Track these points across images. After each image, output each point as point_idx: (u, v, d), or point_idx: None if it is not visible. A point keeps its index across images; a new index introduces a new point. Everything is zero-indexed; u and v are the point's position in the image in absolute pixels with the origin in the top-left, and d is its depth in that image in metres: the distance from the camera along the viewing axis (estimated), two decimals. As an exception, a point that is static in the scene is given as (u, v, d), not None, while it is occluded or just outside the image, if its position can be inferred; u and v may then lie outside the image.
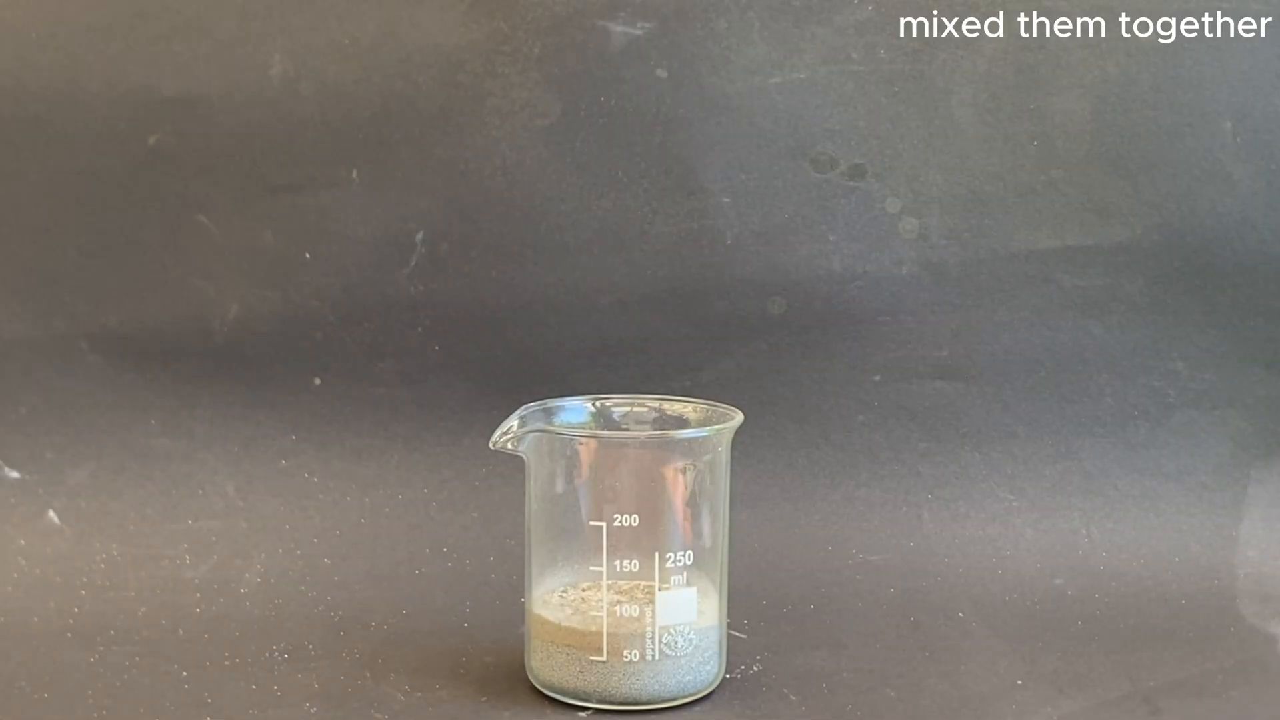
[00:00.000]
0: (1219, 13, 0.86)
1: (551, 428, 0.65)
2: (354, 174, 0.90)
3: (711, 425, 0.65)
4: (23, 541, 0.85)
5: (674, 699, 0.65)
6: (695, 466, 0.64)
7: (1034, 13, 0.87)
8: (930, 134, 0.88)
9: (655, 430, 0.68)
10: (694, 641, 0.64)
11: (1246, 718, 0.67)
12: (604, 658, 0.63)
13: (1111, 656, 0.73)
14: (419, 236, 0.90)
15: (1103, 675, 0.71)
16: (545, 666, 0.65)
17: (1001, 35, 0.87)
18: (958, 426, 0.89)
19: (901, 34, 0.87)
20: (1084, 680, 0.70)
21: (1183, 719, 0.66)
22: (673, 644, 0.64)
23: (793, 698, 0.67)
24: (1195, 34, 0.86)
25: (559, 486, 0.64)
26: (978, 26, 0.87)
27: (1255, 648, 0.75)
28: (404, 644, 0.73)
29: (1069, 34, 0.87)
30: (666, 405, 0.68)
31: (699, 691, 0.66)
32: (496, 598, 0.79)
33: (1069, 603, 0.80)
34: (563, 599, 0.66)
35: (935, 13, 0.87)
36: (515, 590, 0.74)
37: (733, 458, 0.67)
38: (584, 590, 0.66)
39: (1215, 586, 0.82)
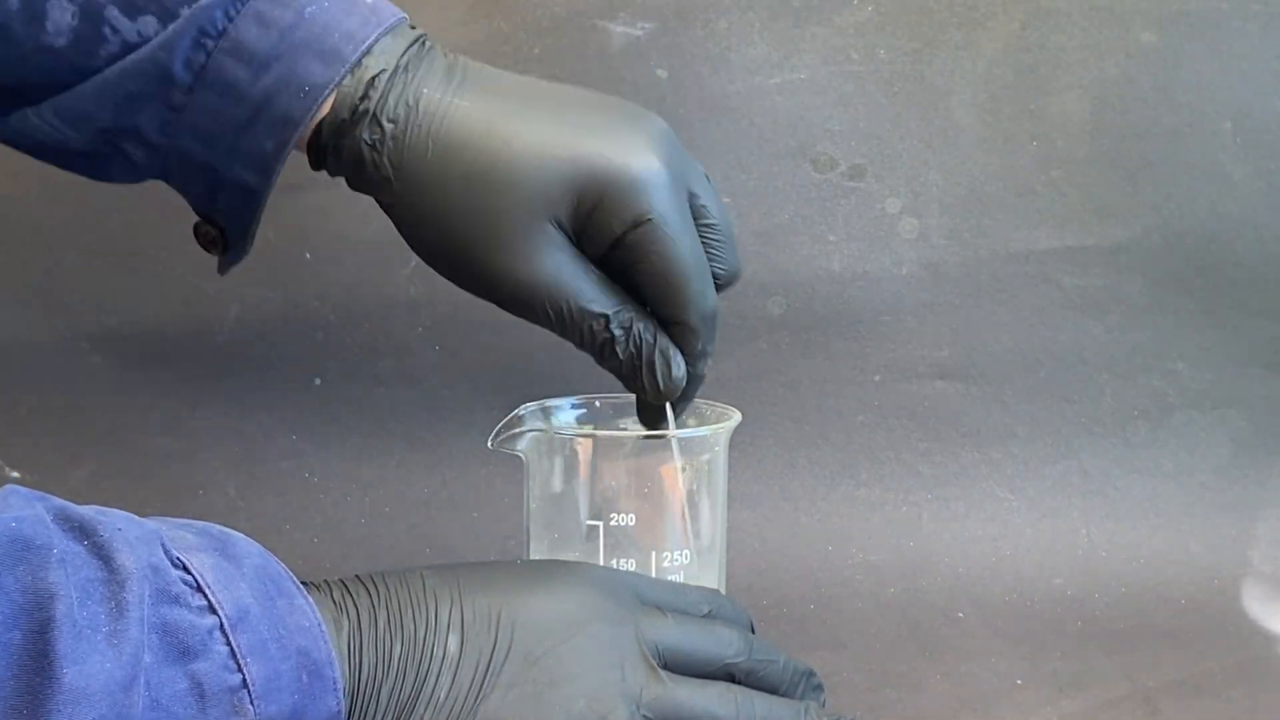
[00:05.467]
0: (1218, 12, 0.86)
1: (550, 427, 0.65)
2: (354, 174, 0.90)
3: (709, 424, 0.65)
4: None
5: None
6: (693, 465, 0.64)
7: (1034, 13, 0.87)
8: (930, 134, 0.88)
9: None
10: (693, 641, 0.64)
11: (1246, 718, 0.67)
12: (603, 657, 0.63)
13: (1111, 656, 0.73)
14: (419, 236, 0.90)
15: (1103, 675, 0.71)
16: (544, 666, 0.65)
17: (1001, 35, 0.87)
18: (958, 426, 0.89)
19: (901, 34, 0.87)
20: (1084, 680, 0.70)
21: (1183, 719, 0.66)
22: (671, 643, 0.63)
23: (792, 697, 0.67)
24: (1195, 34, 0.86)
25: (557, 486, 0.64)
26: (978, 27, 0.87)
27: (1255, 648, 0.75)
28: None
29: (1069, 34, 0.87)
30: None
31: (698, 691, 0.65)
32: (496, 597, 0.79)
33: (1069, 603, 0.80)
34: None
35: (935, 12, 0.87)
36: (514, 590, 0.74)
37: (732, 457, 0.66)
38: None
39: (1215, 586, 0.82)
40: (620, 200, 0.56)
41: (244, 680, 0.45)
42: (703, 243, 0.59)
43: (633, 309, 0.59)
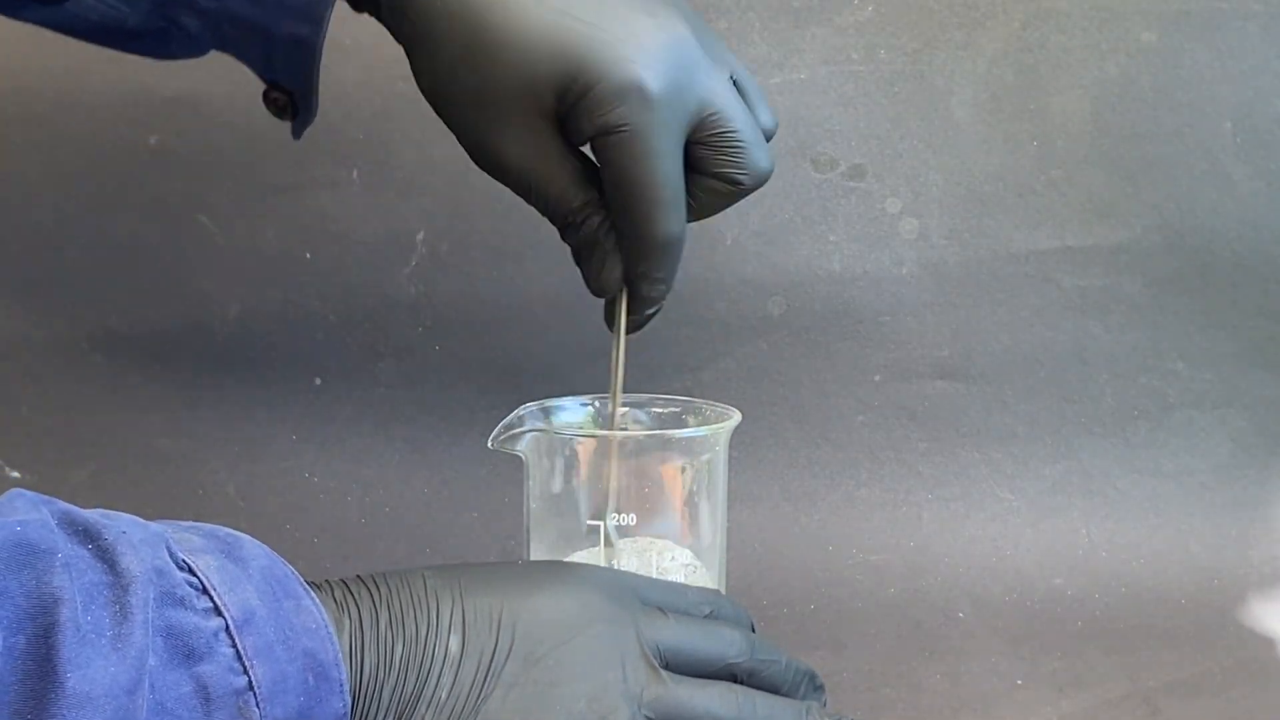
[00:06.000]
0: (1218, 12, 0.86)
1: (550, 427, 0.65)
2: (354, 174, 0.90)
3: (710, 424, 0.65)
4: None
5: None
6: (693, 465, 0.64)
7: (1034, 13, 0.87)
8: (930, 134, 0.88)
9: (653, 429, 0.67)
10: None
11: (1246, 718, 0.67)
12: (603, 657, 0.63)
13: (1111, 656, 0.73)
14: (419, 236, 0.90)
15: (1103, 675, 0.71)
16: (544, 666, 0.65)
17: (1001, 35, 0.87)
18: (958, 426, 0.89)
19: (901, 34, 0.87)
20: (1084, 680, 0.70)
21: (1183, 719, 0.66)
22: (672, 643, 0.63)
23: (792, 697, 0.67)
24: (1195, 34, 0.86)
25: (557, 486, 0.64)
26: (978, 27, 0.87)
27: (1255, 648, 0.75)
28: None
29: (1069, 34, 0.87)
30: (665, 405, 0.68)
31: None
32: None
33: (1069, 603, 0.80)
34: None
35: (935, 12, 0.87)
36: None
37: (733, 457, 0.66)
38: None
39: (1215, 586, 0.82)
40: (599, 103, 0.56)
41: (250, 682, 0.45)
42: (709, 152, 0.59)
43: (597, 207, 0.59)
